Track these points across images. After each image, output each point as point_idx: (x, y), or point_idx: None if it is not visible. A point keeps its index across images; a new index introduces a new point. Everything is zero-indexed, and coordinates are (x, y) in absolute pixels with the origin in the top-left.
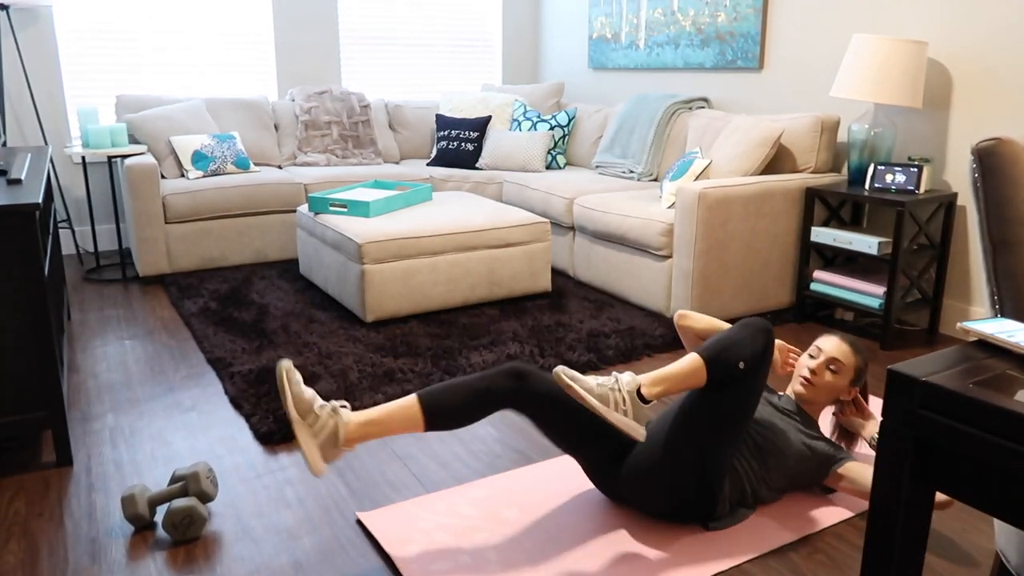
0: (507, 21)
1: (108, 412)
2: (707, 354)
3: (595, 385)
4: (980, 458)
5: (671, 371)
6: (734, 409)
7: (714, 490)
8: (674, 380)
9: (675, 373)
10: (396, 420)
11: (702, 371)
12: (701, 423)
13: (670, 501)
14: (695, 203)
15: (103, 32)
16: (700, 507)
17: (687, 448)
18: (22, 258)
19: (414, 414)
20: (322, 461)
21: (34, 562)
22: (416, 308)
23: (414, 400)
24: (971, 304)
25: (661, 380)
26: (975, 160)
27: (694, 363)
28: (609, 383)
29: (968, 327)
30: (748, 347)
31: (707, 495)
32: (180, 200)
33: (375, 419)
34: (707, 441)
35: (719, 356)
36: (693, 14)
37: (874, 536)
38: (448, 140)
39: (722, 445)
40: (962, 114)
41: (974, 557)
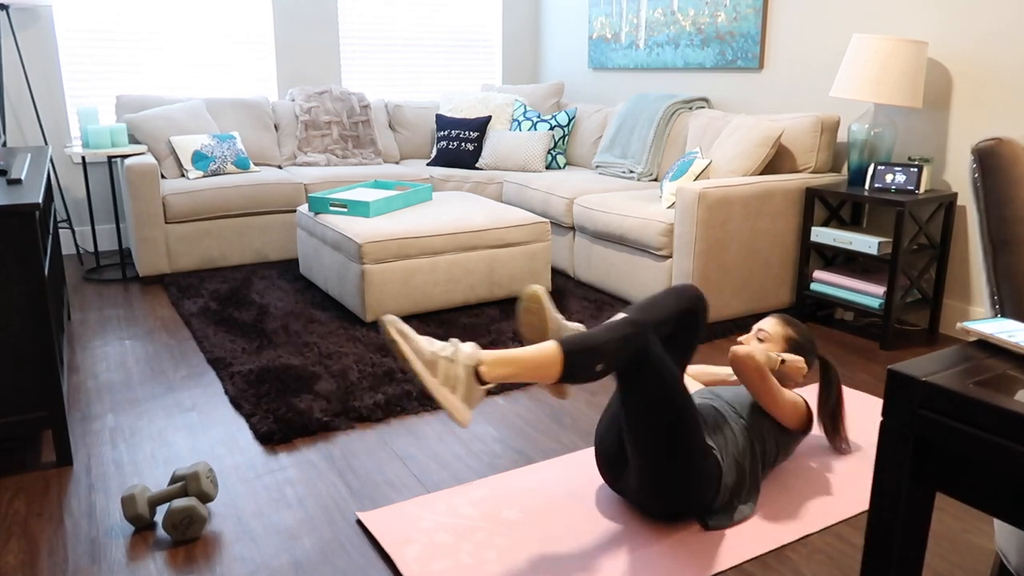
0: (507, 21)
1: (108, 412)
2: (567, 347)
3: (427, 349)
4: (980, 458)
5: (522, 355)
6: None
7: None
8: (523, 366)
9: (526, 358)
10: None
11: (557, 364)
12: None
13: (666, 496)
14: (695, 203)
15: (103, 32)
16: (698, 494)
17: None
18: (22, 258)
19: (553, 357)
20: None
21: (34, 562)
22: (416, 308)
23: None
24: (971, 304)
25: (508, 362)
26: (975, 160)
27: (550, 354)
28: (446, 351)
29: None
30: (612, 350)
31: (700, 487)
32: (180, 200)
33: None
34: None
35: (579, 353)
36: (693, 14)
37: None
38: (448, 140)
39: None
40: (962, 114)
41: (974, 557)
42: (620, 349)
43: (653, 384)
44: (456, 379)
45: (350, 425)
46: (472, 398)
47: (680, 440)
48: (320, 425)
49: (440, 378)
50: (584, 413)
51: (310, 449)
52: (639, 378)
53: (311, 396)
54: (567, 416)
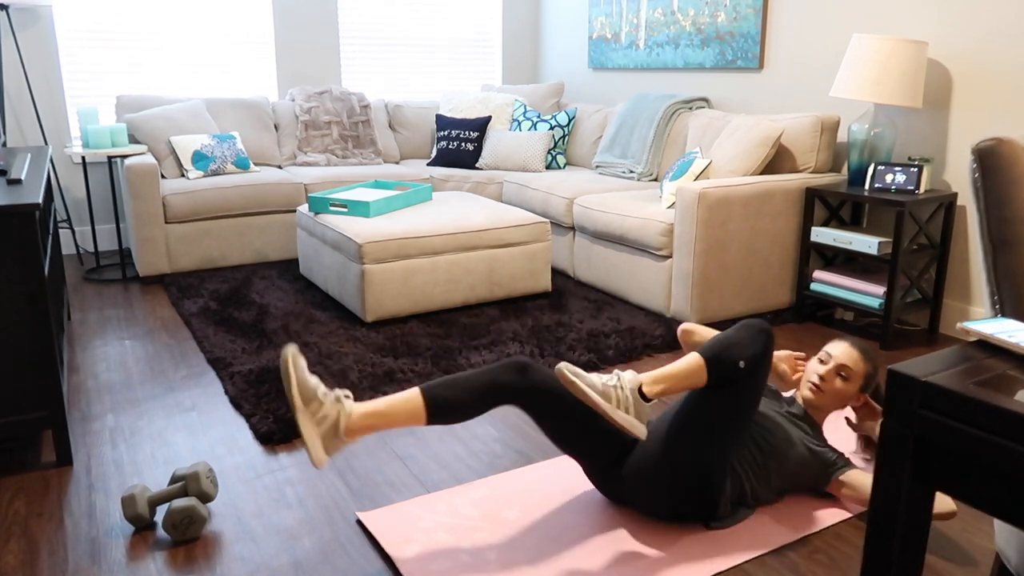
0: (507, 21)
1: (108, 412)
2: (708, 353)
3: (598, 382)
4: (980, 458)
5: (672, 370)
6: (734, 409)
7: (715, 489)
8: (675, 379)
9: (676, 372)
10: (399, 412)
11: (703, 370)
12: (701, 423)
13: (671, 501)
14: (695, 203)
15: (103, 32)
16: (701, 507)
17: (687, 448)
18: (22, 258)
19: (416, 406)
20: (324, 452)
21: (34, 562)
22: (416, 308)
23: (417, 393)
24: (971, 304)
25: (663, 379)
26: (975, 160)
27: (695, 362)
28: (612, 381)
29: (968, 327)
30: (748, 347)
31: (708, 494)
32: (180, 200)
33: (378, 411)
34: (707, 441)
35: (720, 355)
36: (693, 14)
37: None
38: (448, 140)
39: (722, 445)
40: (962, 114)
41: (974, 557)
42: (754, 343)
43: (755, 384)
44: (627, 401)
45: None
46: (642, 413)
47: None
48: None
49: (614, 403)
50: None
51: None
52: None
53: None
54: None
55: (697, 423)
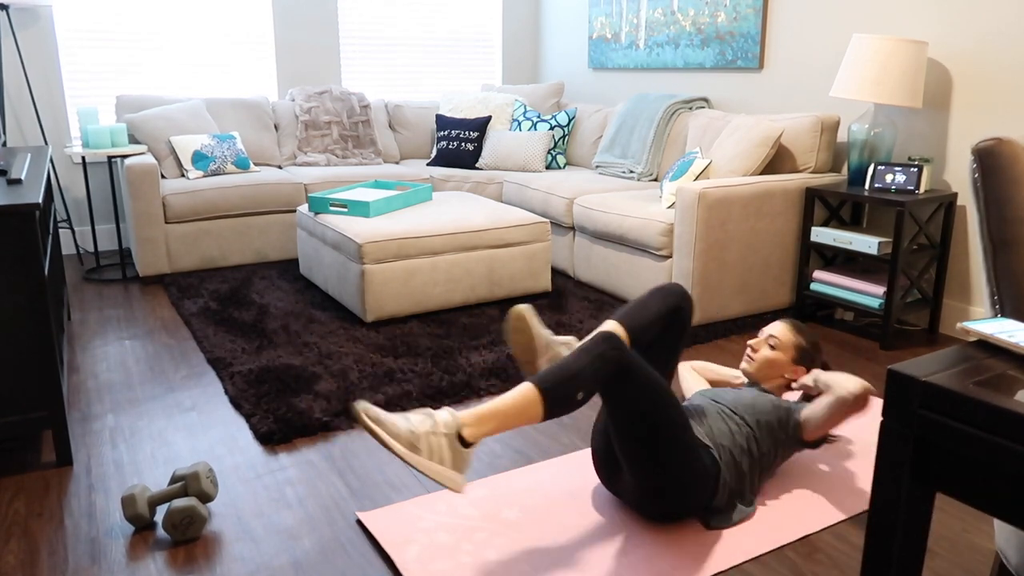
0: (507, 21)
1: (108, 412)
2: (543, 384)
3: (404, 429)
4: (980, 458)
5: (500, 406)
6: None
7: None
8: (504, 417)
9: (505, 409)
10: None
11: (537, 405)
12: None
13: (665, 502)
14: (695, 203)
15: (103, 32)
16: (697, 497)
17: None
18: (22, 258)
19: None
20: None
21: (34, 562)
22: (416, 308)
23: (531, 389)
24: (971, 304)
25: (488, 418)
26: (975, 160)
27: (527, 396)
28: (424, 425)
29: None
30: (589, 374)
31: (695, 485)
32: (180, 200)
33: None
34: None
35: (555, 387)
36: (693, 14)
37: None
38: (448, 140)
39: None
40: (962, 114)
41: (974, 557)
42: (598, 370)
43: (636, 395)
44: (441, 450)
45: (350, 425)
46: (461, 463)
47: (671, 446)
48: (320, 425)
49: (425, 453)
50: (583, 413)
51: (310, 449)
52: (622, 392)
53: (311, 396)
54: (566, 416)
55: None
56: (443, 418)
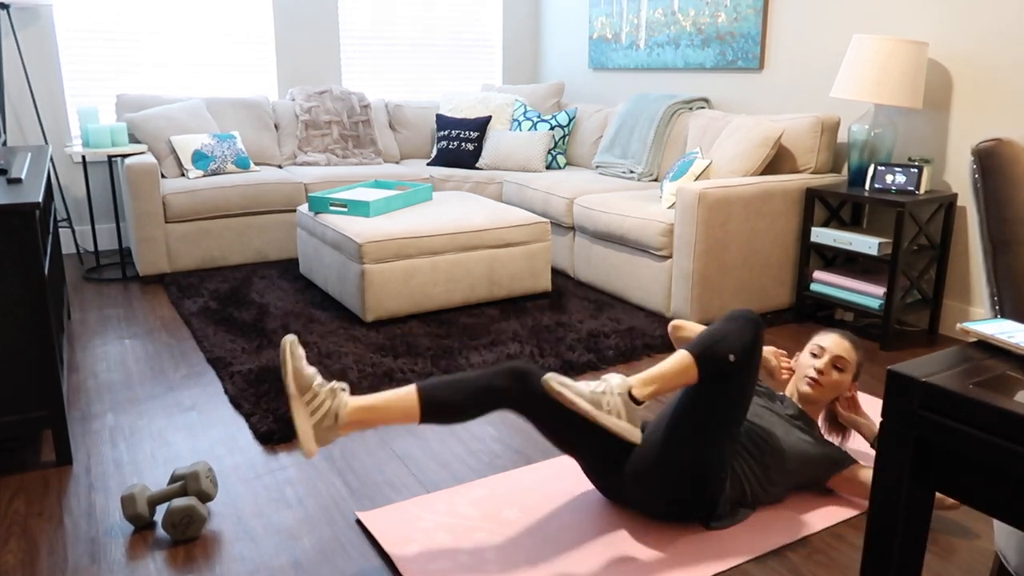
0: (507, 21)
1: (108, 412)
2: (697, 350)
3: (587, 390)
4: (980, 458)
5: (662, 370)
6: (727, 404)
7: (714, 489)
8: (665, 379)
9: (666, 372)
10: (393, 409)
11: (692, 368)
12: (696, 420)
13: (671, 501)
14: (695, 203)
15: (103, 32)
16: (701, 506)
17: (684, 446)
18: (22, 258)
19: (411, 404)
20: (315, 443)
21: (34, 561)
22: (416, 308)
23: (413, 391)
24: (971, 304)
25: (652, 380)
26: (975, 161)
27: (684, 360)
28: (600, 387)
29: (968, 328)
30: (737, 340)
31: (707, 494)
32: (180, 200)
33: (372, 405)
34: (703, 438)
35: (709, 351)
36: (693, 14)
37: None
38: (448, 140)
39: (718, 442)
40: (962, 114)
41: (974, 557)
42: (743, 334)
43: (748, 376)
44: (618, 407)
45: None
46: (634, 417)
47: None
48: None
49: (604, 410)
50: None
51: None
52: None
53: None
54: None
55: (692, 420)
56: (616, 381)
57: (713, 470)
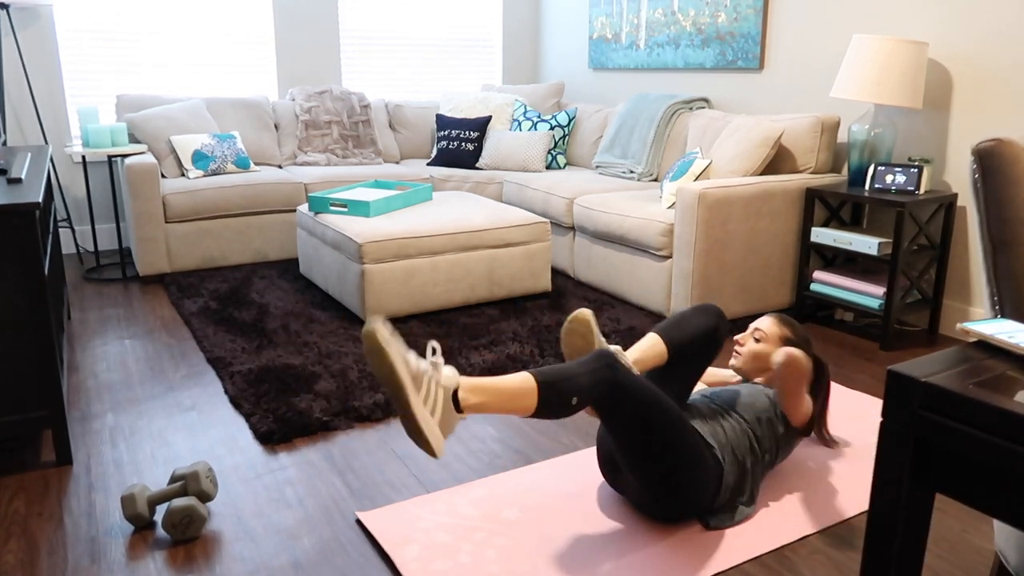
0: (507, 21)
1: (108, 412)
2: (542, 378)
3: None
4: (980, 458)
5: (497, 384)
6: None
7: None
8: (498, 395)
9: (501, 387)
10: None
11: (532, 395)
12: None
13: (670, 501)
14: (695, 203)
15: (103, 32)
16: (699, 497)
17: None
18: (22, 257)
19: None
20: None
21: (33, 561)
22: (416, 308)
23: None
24: (971, 304)
25: (483, 390)
26: (975, 161)
27: (524, 384)
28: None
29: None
30: (586, 382)
31: (699, 486)
32: (180, 200)
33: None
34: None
35: (554, 385)
36: (693, 14)
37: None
38: (448, 140)
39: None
40: (962, 114)
41: (974, 557)
42: (592, 383)
43: (632, 409)
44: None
45: (350, 425)
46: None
47: (672, 452)
48: (320, 425)
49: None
50: (583, 414)
51: (310, 449)
52: (617, 408)
53: (311, 396)
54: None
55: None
56: (446, 372)
57: (696, 468)
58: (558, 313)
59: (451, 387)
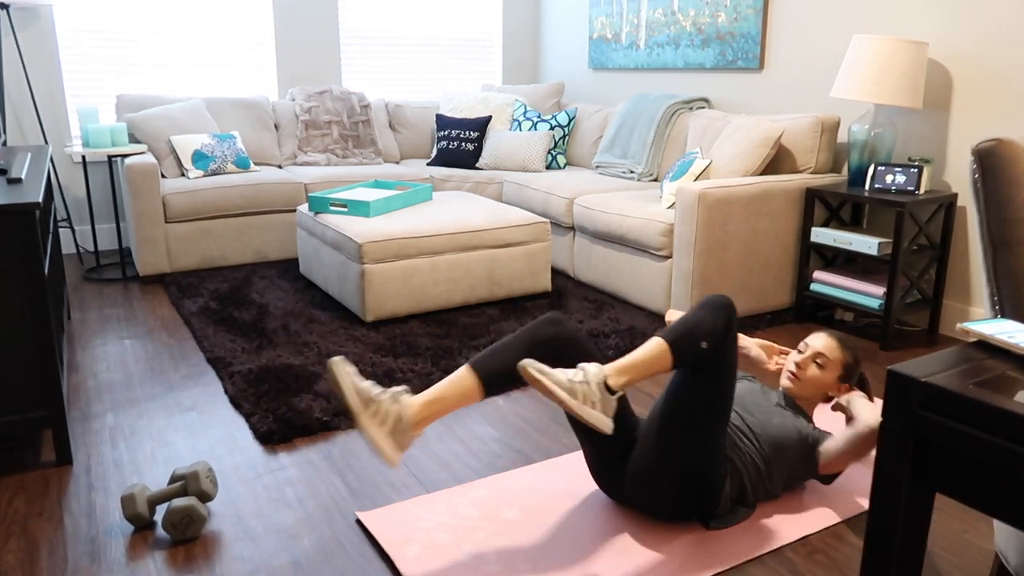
0: (507, 21)
1: (108, 412)
2: (669, 336)
3: (564, 379)
4: (980, 458)
5: (635, 358)
6: (712, 393)
7: (713, 484)
8: (639, 367)
9: (639, 360)
10: (455, 394)
11: (666, 354)
12: (683, 421)
13: (670, 500)
14: (695, 203)
15: (103, 32)
16: (702, 503)
17: (675, 448)
18: (22, 257)
19: (470, 384)
20: (396, 450)
21: (34, 561)
22: (416, 308)
23: (467, 371)
24: (971, 304)
25: (627, 369)
26: (975, 161)
27: (657, 347)
28: (577, 376)
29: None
30: (709, 325)
31: (706, 492)
32: (180, 200)
33: (434, 398)
34: (693, 438)
35: (681, 337)
36: (693, 14)
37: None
38: (448, 140)
39: (709, 439)
40: (962, 114)
41: (974, 557)
42: (716, 320)
43: (726, 366)
44: (592, 395)
45: (350, 425)
46: (608, 408)
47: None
48: (320, 425)
49: (580, 399)
50: None
51: (310, 449)
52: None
53: (311, 396)
54: (565, 417)
55: (678, 421)
56: (593, 370)
57: (710, 468)
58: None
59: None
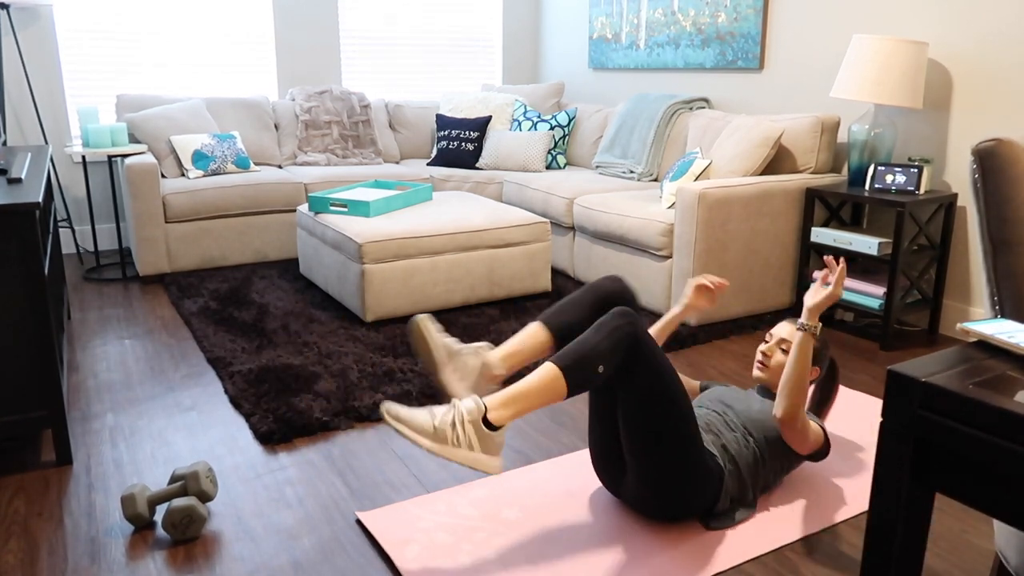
0: (507, 21)
1: (108, 412)
2: (562, 362)
3: (429, 423)
4: (980, 458)
5: (523, 388)
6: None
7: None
8: (529, 397)
9: (529, 389)
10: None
11: (559, 381)
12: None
13: (669, 501)
14: (695, 203)
15: (103, 32)
16: (700, 503)
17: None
18: (22, 257)
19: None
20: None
21: (33, 561)
22: (416, 308)
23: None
24: (971, 304)
25: (513, 400)
26: (975, 161)
27: (549, 374)
28: (449, 415)
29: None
30: (605, 348)
31: (702, 490)
32: (180, 200)
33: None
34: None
35: (576, 363)
36: (693, 14)
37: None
38: (448, 140)
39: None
40: (962, 114)
41: (974, 557)
42: (615, 343)
43: (649, 374)
44: (469, 437)
45: (350, 425)
46: (492, 446)
47: (678, 435)
48: (320, 425)
49: (452, 443)
50: (583, 413)
51: (310, 449)
52: (635, 369)
53: (311, 396)
54: (566, 416)
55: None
56: (467, 406)
57: (699, 466)
58: None
59: (477, 418)
